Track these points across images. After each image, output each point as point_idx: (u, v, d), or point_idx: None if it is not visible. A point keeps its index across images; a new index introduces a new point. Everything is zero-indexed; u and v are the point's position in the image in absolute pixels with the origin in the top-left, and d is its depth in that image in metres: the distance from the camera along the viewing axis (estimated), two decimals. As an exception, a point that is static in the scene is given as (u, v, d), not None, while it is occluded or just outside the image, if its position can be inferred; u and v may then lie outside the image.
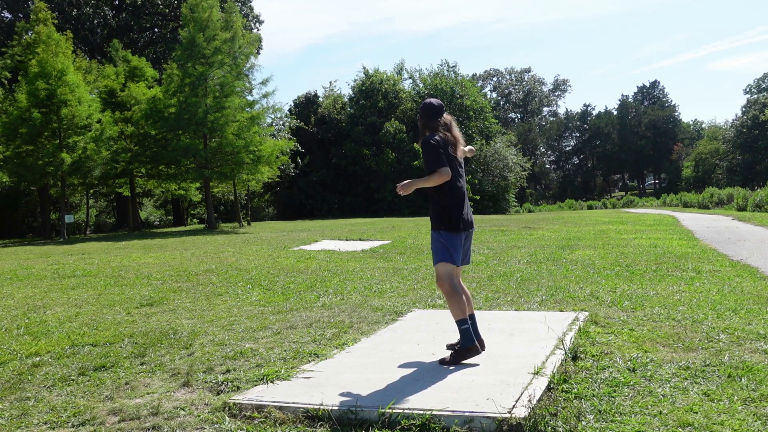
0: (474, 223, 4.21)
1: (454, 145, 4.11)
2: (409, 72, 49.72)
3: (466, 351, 3.93)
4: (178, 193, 35.63)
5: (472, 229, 4.19)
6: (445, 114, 4.19)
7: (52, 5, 34.74)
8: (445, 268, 4.03)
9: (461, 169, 4.19)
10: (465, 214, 4.09)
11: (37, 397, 3.75)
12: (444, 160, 3.94)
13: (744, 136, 62.83)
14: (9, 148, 25.03)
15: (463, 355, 3.93)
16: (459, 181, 4.08)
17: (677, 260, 8.94)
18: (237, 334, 5.13)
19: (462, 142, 4.21)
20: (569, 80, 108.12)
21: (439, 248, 4.05)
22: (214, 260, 11.35)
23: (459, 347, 3.98)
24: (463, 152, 4.25)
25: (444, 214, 4.03)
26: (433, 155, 3.95)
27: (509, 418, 2.95)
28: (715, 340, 4.39)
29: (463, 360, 3.93)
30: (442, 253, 4.03)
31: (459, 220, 4.02)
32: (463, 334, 3.94)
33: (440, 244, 4.04)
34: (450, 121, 4.19)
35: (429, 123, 4.15)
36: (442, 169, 3.90)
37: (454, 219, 4.02)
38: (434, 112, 4.17)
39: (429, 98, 4.38)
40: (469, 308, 4.13)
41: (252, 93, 32.41)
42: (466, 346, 3.93)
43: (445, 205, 4.04)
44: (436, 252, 4.06)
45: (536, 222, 20.99)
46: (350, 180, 45.07)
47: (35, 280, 9.50)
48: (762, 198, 25.89)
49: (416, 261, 10.22)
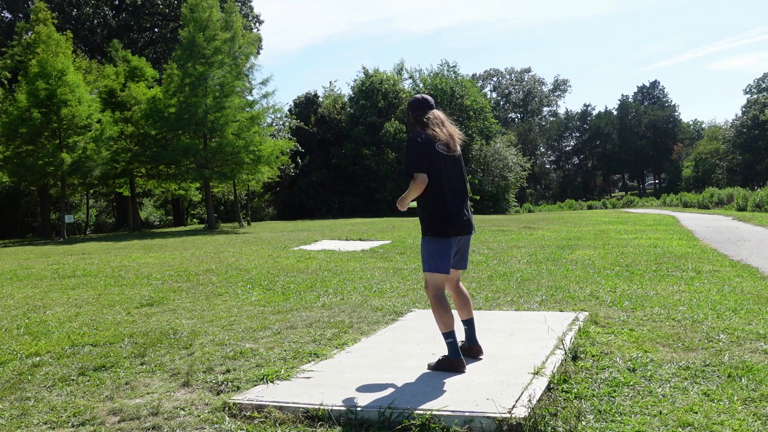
0: (473, 226, 3.93)
1: (447, 142, 3.81)
2: (409, 72, 49.75)
3: (450, 363, 3.72)
4: (178, 193, 35.64)
5: (469, 233, 3.89)
6: (437, 110, 3.92)
7: (52, 5, 34.74)
8: (431, 278, 3.79)
9: (457, 167, 3.87)
10: (456, 217, 3.77)
11: (37, 397, 3.75)
12: (420, 163, 3.68)
13: (744, 136, 62.84)
14: (9, 148, 25.04)
15: (446, 367, 3.72)
16: (449, 183, 3.78)
17: (677, 260, 8.94)
18: (237, 334, 5.13)
19: (458, 139, 3.92)
20: (569, 80, 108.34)
21: (425, 255, 3.81)
22: (214, 260, 11.35)
23: (443, 357, 3.78)
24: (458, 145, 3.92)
25: (429, 219, 3.77)
26: (411, 155, 3.71)
27: (509, 418, 2.95)
28: (715, 340, 4.39)
29: (446, 371, 3.70)
30: (428, 260, 3.78)
31: (447, 224, 3.74)
32: (449, 346, 3.74)
33: (426, 250, 3.80)
34: (442, 116, 3.91)
35: (417, 118, 3.90)
36: (416, 175, 3.67)
37: (440, 223, 3.73)
38: (420, 105, 3.92)
39: (414, 95, 4.23)
40: (467, 312, 3.98)
41: (252, 93, 32.45)
42: (450, 359, 3.73)
43: (430, 209, 3.76)
44: (423, 259, 3.83)
45: (536, 222, 20.99)
46: (350, 180, 45.07)
47: (35, 280, 9.50)
48: (762, 198, 25.89)
49: (416, 261, 10.22)
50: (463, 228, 3.83)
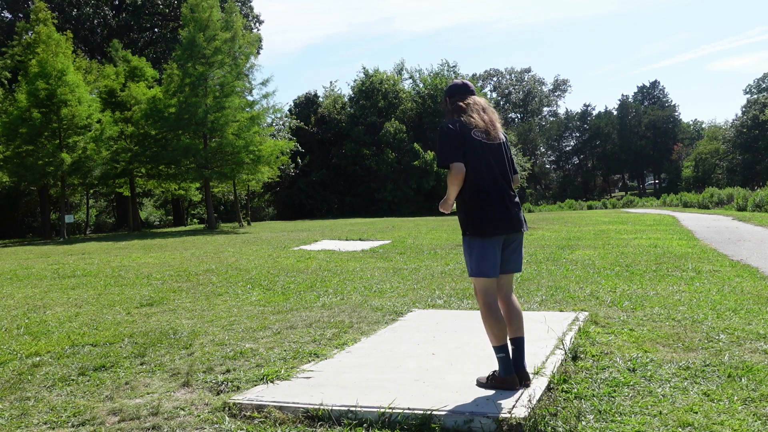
0: (523, 222, 3.49)
1: (487, 129, 3.42)
2: (409, 72, 49.81)
3: (501, 381, 3.35)
4: (178, 193, 35.66)
5: (518, 231, 3.46)
6: (477, 96, 3.56)
7: (52, 5, 34.75)
8: (477, 283, 3.44)
9: (499, 156, 3.46)
10: (498, 213, 3.36)
11: (37, 397, 3.75)
12: (455, 152, 3.32)
13: (744, 136, 62.81)
14: (9, 148, 25.06)
15: (497, 385, 3.36)
16: (489, 174, 3.38)
17: (677, 260, 8.94)
18: (237, 334, 5.13)
19: (499, 126, 3.54)
20: (569, 80, 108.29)
21: (466, 257, 3.48)
22: (214, 260, 11.35)
23: (494, 374, 3.42)
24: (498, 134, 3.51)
25: (467, 216, 3.39)
26: (444, 145, 3.35)
27: (509, 418, 2.95)
28: (715, 340, 4.39)
29: (498, 389, 3.35)
30: (470, 263, 3.44)
31: (486, 222, 3.34)
32: (499, 362, 3.38)
33: (467, 252, 3.46)
34: (483, 102, 3.54)
35: (454, 104, 3.54)
36: (452, 165, 3.31)
37: (478, 221, 3.35)
38: (459, 90, 3.57)
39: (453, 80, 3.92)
40: (514, 329, 3.46)
41: (252, 93, 32.50)
42: (501, 377, 3.36)
43: (469, 204, 3.38)
44: (467, 262, 3.49)
45: (536, 222, 20.99)
46: (350, 180, 45.08)
47: (35, 280, 9.50)
48: (762, 198, 25.88)
49: (416, 261, 10.22)
50: (509, 225, 3.40)
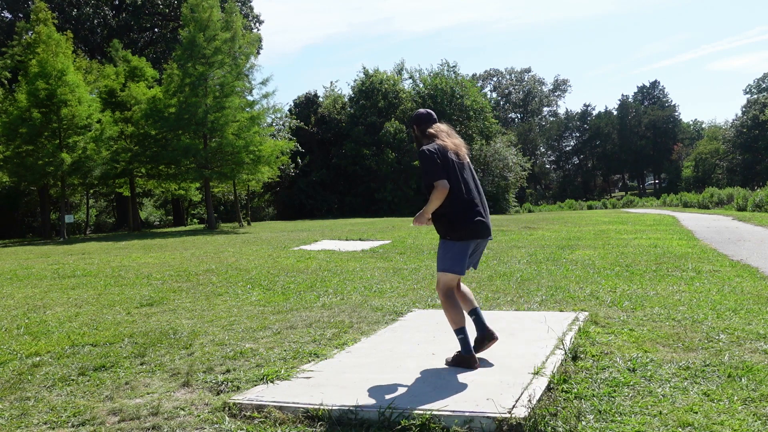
0: (491, 231, 4.04)
1: (457, 151, 3.96)
2: (409, 72, 49.74)
3: (461, 359, 3.88)
4: (178, 193, 35.65)
5: (487, 238, 4.03)
6: (440, 123, 4.10)
7: (52, 5, 34.73)
8: (444, 277, 3.94)
9: (470, 173, 4.02)
10: (473, 222, 3.89)
11: (37, 397, 3.75)
12: (440, 171, 3.80)
13: (744, 136, 62.81)
14: (9, 148, 25.05)
15: (460, 363, 3.89)
16: (465, 188, 3.90)
17: (677, 260, 8.94)
18: (237, 334, 5.13)
19: (465, 148, 4.08)
20: (569, 80, 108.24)
21: (441, 255, 3.97)
22: (214, 260, 11.35)
23: (457, 353, 3.94)
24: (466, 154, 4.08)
25: (448, 224, 3.89)
26: (429, 165, 3.81)
27: (509, 418, 2.95)
28: (715, 340, 4.39)
29: (459, 366, 3.88)
30: (444, 261, 3.93)
31: (464, 229, 3.87)
32: (461, 342, 3.89)
33: (443, 251, 3.95)
34: (446, 128, 4.10)
35: (423, 131, 4.07)
36: (438, 182, 3.76)
37: (458, 228, 3.86)
38: (426, 119, 4.11)
39: (417, 110, 4.34)
40: (470, 303, 4.06)
41: (252, 93, 32.45)
42: (462, 355, 3.89)
43: (448, 215, 3.88)
44: (440, 259, 3.97)
45: (536, 222, 20.99)
46: (350, 180, 45.07)
47: (35, 280, 9.50)
48: (762, 198, 25.89)
49: (416, 261, 10.22)
50: (480, 232, 3.94)
